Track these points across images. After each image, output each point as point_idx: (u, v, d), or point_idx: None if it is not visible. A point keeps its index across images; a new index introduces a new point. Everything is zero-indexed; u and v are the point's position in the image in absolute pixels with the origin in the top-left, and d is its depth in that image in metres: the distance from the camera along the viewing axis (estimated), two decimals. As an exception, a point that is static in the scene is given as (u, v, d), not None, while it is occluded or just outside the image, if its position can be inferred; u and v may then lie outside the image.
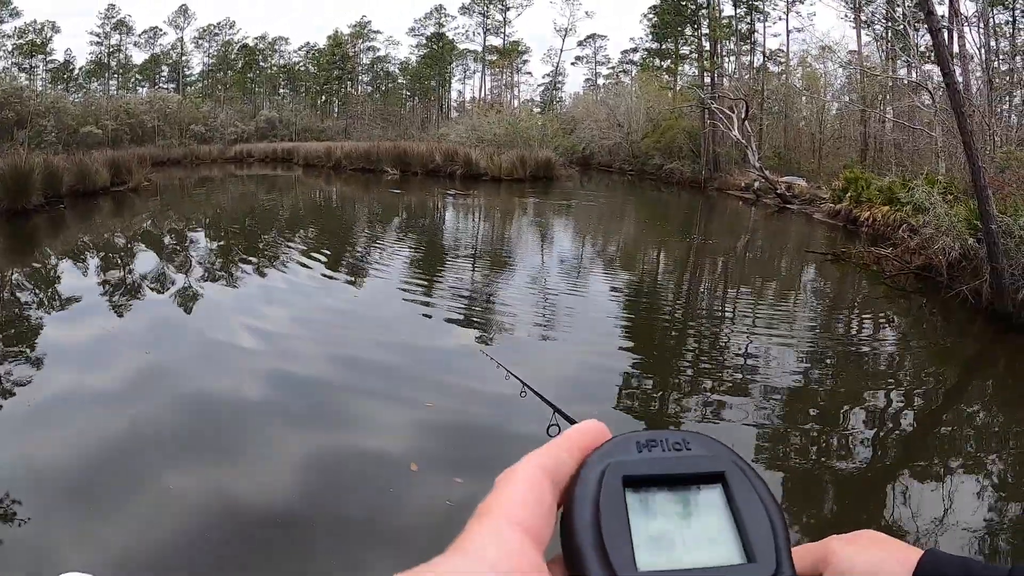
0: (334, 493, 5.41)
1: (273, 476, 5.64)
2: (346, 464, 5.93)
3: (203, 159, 43.05)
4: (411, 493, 5.38)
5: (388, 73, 69.78)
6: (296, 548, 4.56)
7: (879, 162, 31.40)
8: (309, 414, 6.96)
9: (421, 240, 19.61)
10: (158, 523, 4.80)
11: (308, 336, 9.63)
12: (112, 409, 6.78)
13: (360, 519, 5.02)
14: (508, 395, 1.09)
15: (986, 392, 9.31)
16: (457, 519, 2.52)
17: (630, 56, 65.45)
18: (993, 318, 10.90)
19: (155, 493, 5.15)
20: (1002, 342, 10.66)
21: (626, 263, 17.83)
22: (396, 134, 53.66)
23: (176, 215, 22.10)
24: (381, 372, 8.26)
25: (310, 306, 11.41)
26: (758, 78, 44.34)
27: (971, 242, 11.76)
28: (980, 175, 9.97)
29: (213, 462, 5.81)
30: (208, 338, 9.43)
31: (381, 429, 6.65)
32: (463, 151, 37.60)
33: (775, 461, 6.65)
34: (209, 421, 6.68)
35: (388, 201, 29.76)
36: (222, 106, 57.56)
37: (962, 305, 11.42)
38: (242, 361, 8.47)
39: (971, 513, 5.68)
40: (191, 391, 7.37)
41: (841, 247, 17.95)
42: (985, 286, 10.92)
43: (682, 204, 33.49)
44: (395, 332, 10.04)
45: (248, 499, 5.20)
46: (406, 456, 5.97)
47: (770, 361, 9.40)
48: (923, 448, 7.17)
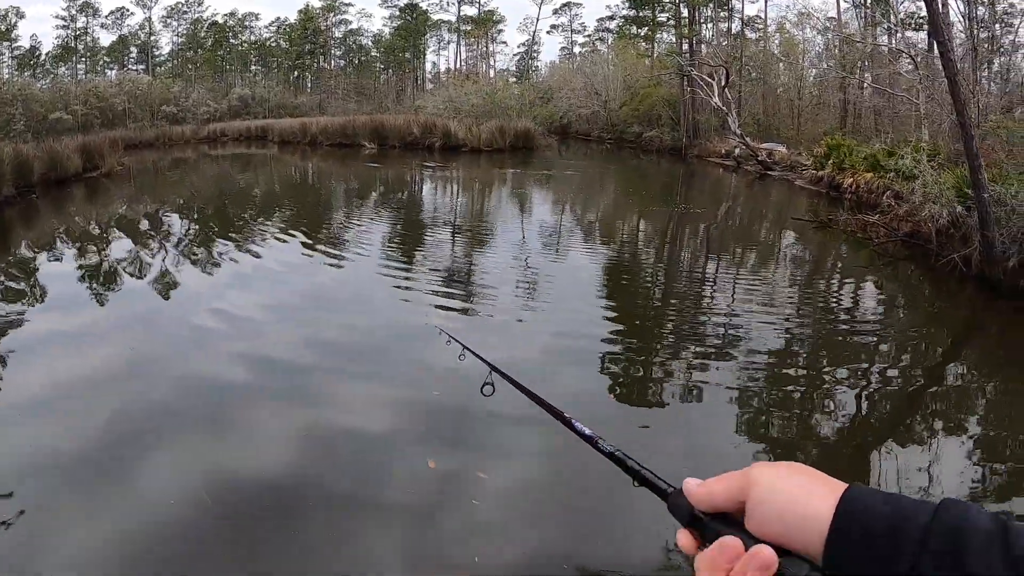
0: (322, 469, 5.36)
1: (256, 455, 5.66)
2: (330, 442, 5.94)
3: (176, 140, 42.17)
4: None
5: (361, 46, 68.88)
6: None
7: (858, 128, 31.40)
8: (289, 394, 6.92)
9: (400, 216, 19.39)
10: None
11: (283, 318, 9.51)
12: (98, 394, 6.74)
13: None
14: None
15: (978, 356, 9.40)
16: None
17: (606, 24, 64.89)
18: (983, 285, 10.97)
19: (129, 486, 5.08)
20: (992, 308, 10.75)
21: (610, 233, 17.80)
22: (371, 108, 53.14)
23: (151, 199, 21.61)
24: (356, 352, 8.22)
25: (286, 288, 11.22)
26: (736, 45, 44.13)
27: (959, 209, 11.72)
28: (972, 143, 9.89)
29: (192, 445, 5.78)
30: (185, 321, 9.28)
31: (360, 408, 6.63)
32: (441, 123, 37.19)
33: (761, 426, 6.69)
34: (187, 404, 6.61)
35: (366, 176, 29.39)
36: (193, 85, 56.55)
37: (951, 272, 11.46)
38: (218, 344, 8.38)
39: (959, 473, 5.77)
40: (171, 375, 7.30)
41: (826, 214, 17.95)
42: (975, 254, 10.88)
43: (662, 172, 33.43)
44: (371, 311, 9.95)
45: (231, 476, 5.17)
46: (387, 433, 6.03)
47: (756, 327, 9.41)
48: (912, 410, 7.27)
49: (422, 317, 9.42)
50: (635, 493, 0.91)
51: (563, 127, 49.16)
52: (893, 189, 16.41)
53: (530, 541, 4.67)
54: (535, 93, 51.06)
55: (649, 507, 0.87)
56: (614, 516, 4.83)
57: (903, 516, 0.67)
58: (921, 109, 21.85)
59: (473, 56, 70.25)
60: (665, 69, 41.99)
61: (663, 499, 0.83)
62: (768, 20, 47.96)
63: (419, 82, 68.19)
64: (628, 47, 53.14)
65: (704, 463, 5.79)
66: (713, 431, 6.51)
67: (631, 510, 4.65)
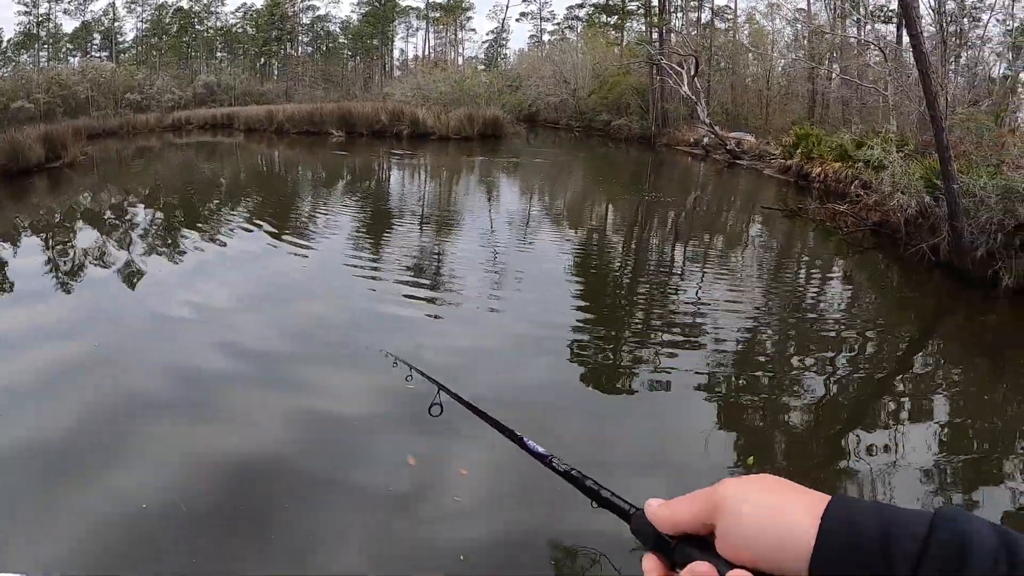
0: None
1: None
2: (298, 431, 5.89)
3: (140, 129, 41.28)
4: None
5: (329, 33, 68.21)
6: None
7: (825, 118, 31.64)
8: (254, 384, 6.88)
9: (368, 204, 19.12)
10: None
11: (248, 309, 9.38)
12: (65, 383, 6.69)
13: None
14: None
15: (947, 343, 9.58)
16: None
17: (576, 12, 64.70)
18: (951, 274, 11.13)
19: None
20: (960, 297, 10.91)
21: (580, 221, 17.78)
22: (339, 95, 52.60)
23: (115, 189, 21.13)
24: (317, 344, 8.12)
25: (250, 278, 11.07)
26: (706, 35, 44.22)
27: (928, 200, 11.83)
28: (943, 136, 9.99)
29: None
30: (150, 312, 9.15)
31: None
32: (410, 110, 36.86)
33: (729, 415, 6.68)
34: (153, 395, 6.53)
35: (334, 164, 28.99)
36: (158, 72, 55.61)
37: (919, 261, 11.61)
38: (183, 335, 8.26)
39: (927, 460, 5.80)
40: (136, 367, 7.21)
41: (795, 202, 18.04)
42: (943, 243, 10.99)
43: (631, 160, 33.52)
44: (336, 301, 9.81)
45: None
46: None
47: (724, 316, 9.48)
48: (881, 397, 7.32)
49: (387, 307, 9.34)
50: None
51: (531, 115, 48.96)
52: (861, 179, 16.60)
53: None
54: (504, 81, 50.83)
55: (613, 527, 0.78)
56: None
57: (894, 531, 0.60)
58: (890, 100, 22.00)
59: (441, 43, 69.83)
60: (635, 58, 41.95)
61: (625, 520, 0.76)
62: (738, 11, 48.12)
63: (387, 69, 67.68)
64: (597, 35, 53.11)
65: (671, 456, 5.78)
66: (681, 421, 6.52)
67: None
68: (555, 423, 6.17)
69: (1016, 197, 9.95)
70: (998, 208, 10.03)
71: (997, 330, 9.79)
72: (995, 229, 10.01)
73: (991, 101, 19.64)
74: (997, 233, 10.02)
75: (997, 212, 10.02)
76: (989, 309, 10.18)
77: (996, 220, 10.00)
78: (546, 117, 49.33)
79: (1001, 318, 9.99)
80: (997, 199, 10.06)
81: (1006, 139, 12.87)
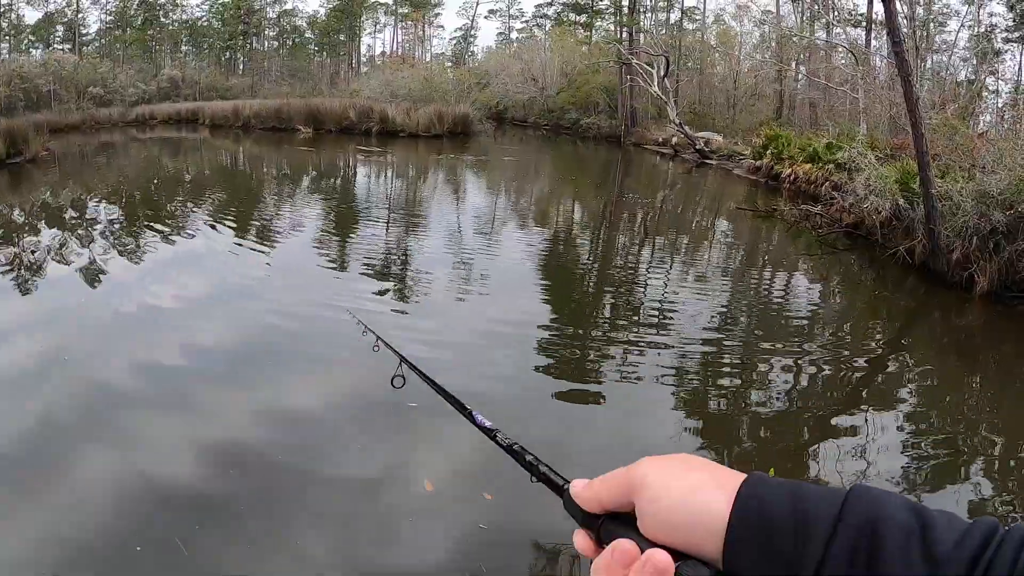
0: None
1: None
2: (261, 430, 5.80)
3: (103, 123, 40.40)
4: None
5: (295, 27, 67.60)
6: None
7: (791, 120, 31.96)
8: (212, 384, 6.79)
9: (336, 203, 18.94)
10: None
11: (209, 307, 9.29)
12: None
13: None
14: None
15: (922, 341, 9.78)
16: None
17: (544, 10, 64.69)
18: (926, 276, 11.33)
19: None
20: (935, 296, 11.08)
21: (549, 219, 17.80)
22: (305, 90, 52.17)
23: (78, 186, 20.64)
24: (281, 342, 8.02)
25: (214, 276, 10.94)
26: (675, 35, 44.45)
27: (902, 203, 11.96)
28: (923, 142, 10.12)
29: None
30: (111, 311, 8.97)
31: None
32: (379, 107, 36.59)
33: (694, 410, 6.74)
34: (115, 396, 6.40)
35: (302, 162, 28.64)
36: (122, 66, 54.70)
37: (893, 263, 11.81)
38: (146, 335, 8.06)
39: (893, 456, 5.89)
40: (97, 367, 7.06)
41: (766, 203, 18.25)
42: (919, 245, 11.13)
43: (600, 159, 33.69)
44: (300, 299, 9.66)
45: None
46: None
47: (694, 312, 9.60)
48: (852, 395, 7.43)
49: (350, 303, 9.22)
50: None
51: (499, 113, 48.86)
52: (832, 180, 16.84)
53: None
54: (472, 78, 50.71)
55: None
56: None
57: (808, 509, 0.60)
58: (860, 103, 22.22)
59: (409, 40, 69.55)
60: (605, 57, 42.00)
61: (560, 496, 0.77)
62: (707, 12, 48.51)
63: (354, 65, 67.25)
64: (566, 34, 53.17)
65: (632, 448, 5.76)
66: (646, 415, 6.59)
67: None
68: (519, 412, 6.25)
69: (990, 202, 10.10)
70: (973, 212, 10.17)
71: (971, 331, 10.03)
72: (970, 233, 10.16)
73: (957, 105, 19.91)
74: (972, 237, 10.18)
75: (972, 216, 10.16)
76: (964, 311, 10.39)
77: (972, 224, 10.16)
78: (514, 115, 49.27)
79: (975, 319, 10.21)
80: (972, 204, 10.20)
81: (975, 143, 13.03)
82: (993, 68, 30.70)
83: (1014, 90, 32.00)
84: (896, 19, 10.71)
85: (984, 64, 28.60)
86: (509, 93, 49.07)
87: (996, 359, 9.03)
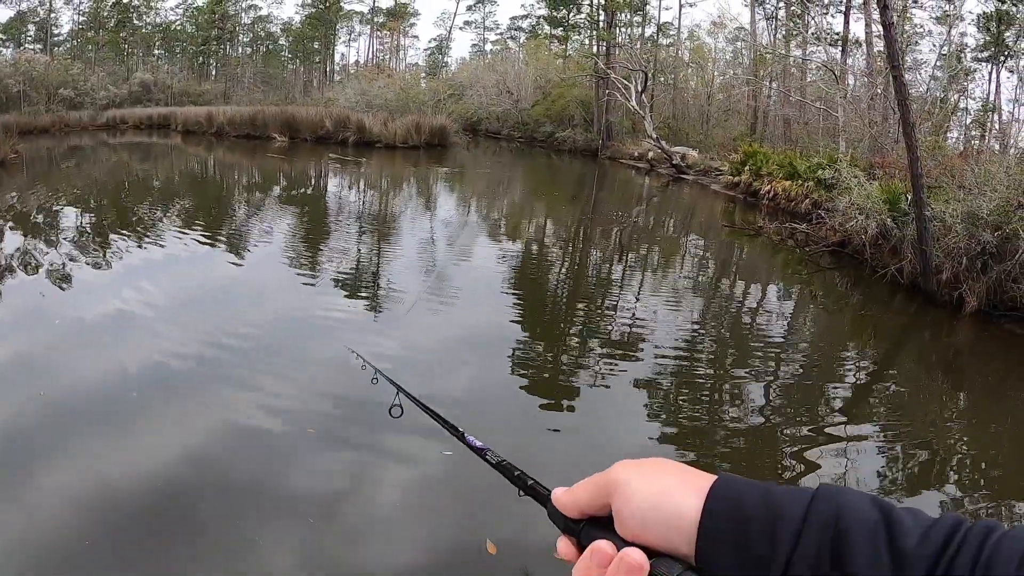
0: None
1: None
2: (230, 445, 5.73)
3: (73, 126, 39.67)
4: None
5: (269, 34, 67.15)
6: None
7: (764, 136, 32.22)
8: (184, 395, 6.57)
9: (310, 214, 18.62)
10: None
11: (181, 315, 8.97)
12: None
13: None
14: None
15: (911, 359, 9.92)
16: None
17: (519, 23, 64.89)
18: (915, 295, 11.51)
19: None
20: (926, 315, 11.20)
21: (525, 233, 17.75)
22: (278, 98, 51.84)
23: (46, 190, 20.26)
24: (254, 354, 7.81)
25: (183, 286, 10.54)
26: (650, 49, 44.70)
27: (890, 222, 12.02)
28: (917, 164, 10.23)
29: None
30: (77, 320, 8.70)
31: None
32: (356, 117, 36.32)
33: (672, 423, 6.71)
34: (78, 405, 6.20)
35: (277, 171, 28.31)
36: (93, 68, 53.88)
37: (881, 282, 11.97)
38: (113, 344, 7.84)
39: (873, 468, 5.93)
40: (61, 375, 6.83)
41: (749, 219, 18.46)
42: (908, 265, 11.36)
43: (576, 173, 33.82)
44: (271, 310, 9.52)
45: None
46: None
47: (672, 329, 9.61)
48: (840, 411, 7.38)
49: (323, 316, 9.17)
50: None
51: (472, 124, 48.80)
52: (812, 198, 16.94)
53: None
54: (447, 89, 50.64)
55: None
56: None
57: (777, 504, 0.62)
58: (840, 122, 22.37)
59: (384, 49, 69.40)
60: (582, 70, 42.13)
61: (543, 506, 0.80)
62: (682, 28, 48.87)
63: (328, 73, 66.94)
64: (540, 46, 53.33)
65: (607, 458, 5.61)
66: (623, 428, 6.54)
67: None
68: (490, 422, 6.20)
69: (979, 223, 10.16)
70: (963, 233, 10.22)
71: (960, 349, 10.18)
72: (960, 253, 10.26)
73: (931, 123, 20.14)
74: (962, 257, 10.34)
75: (962, 237, 10.22)
76: (952, 328, 10.53)
77: (962, 245, 10.29)
78: (488, 127, 49.26)
79: (965, 338, 10.37)
80: (962, 225, 10.26)
81: (955, 163, 13.16)
82: (963, 87, 31.17)
83: (982, 108, 32.66)
84: (895, 44, 10.82)
85: (954, 83, 29.01)
86: (484, 105, 49.06)
87: (985, 376, 9.18)
